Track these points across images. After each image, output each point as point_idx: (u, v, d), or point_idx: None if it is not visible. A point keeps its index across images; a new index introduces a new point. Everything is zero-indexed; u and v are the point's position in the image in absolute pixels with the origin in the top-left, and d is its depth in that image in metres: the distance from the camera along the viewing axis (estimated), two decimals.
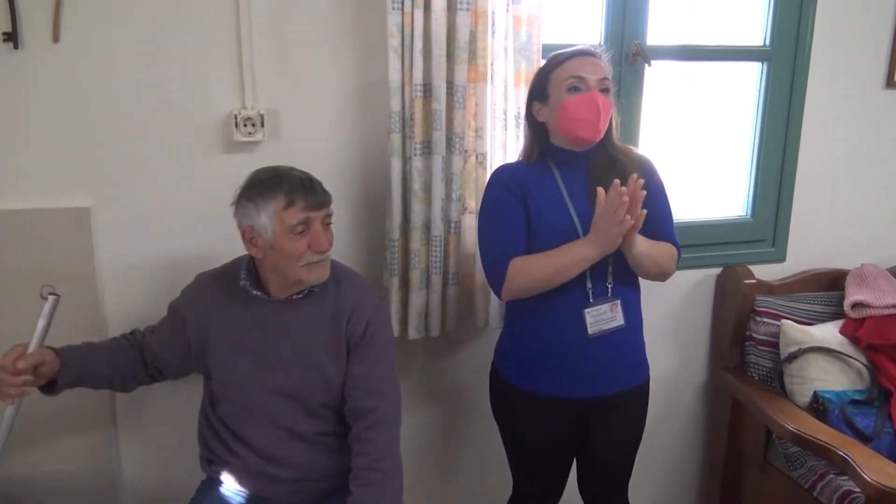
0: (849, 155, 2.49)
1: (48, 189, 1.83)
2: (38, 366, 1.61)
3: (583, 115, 1.71)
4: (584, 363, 1.79)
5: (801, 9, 2.31)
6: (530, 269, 1.74)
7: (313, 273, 1.64)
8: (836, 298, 2.41)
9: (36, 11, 1.73)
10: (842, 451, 1.94)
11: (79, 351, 1.73)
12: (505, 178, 1.81)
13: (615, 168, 1.77)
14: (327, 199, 1.63)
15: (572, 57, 1.74)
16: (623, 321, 1.79)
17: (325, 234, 1.63)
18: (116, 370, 1.77)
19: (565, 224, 1.76)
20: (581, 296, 1.76)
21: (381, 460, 1.64)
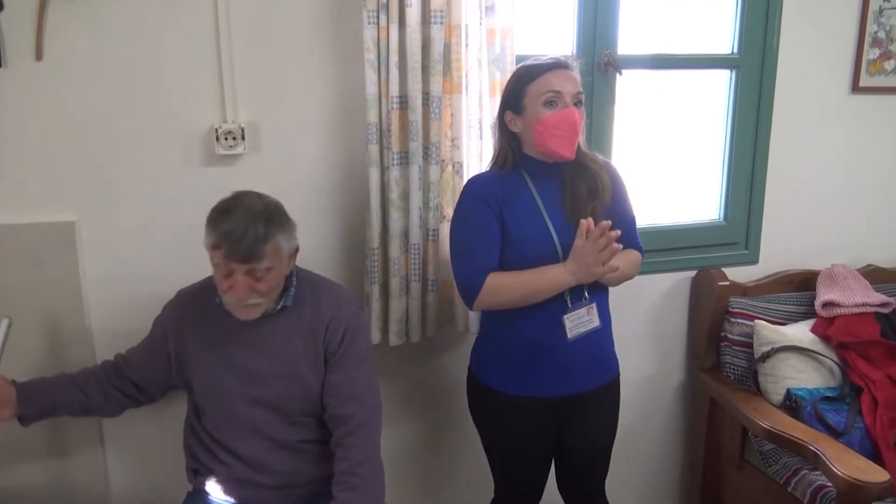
0: (817, 159, 2.55)
1: (33, 204, 1.86)
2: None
3: (561, 131, 1.73)
4: (562, 364, 1.83)
5: (767, 17, 2.37)
6: (506, 287, 1.77)
7: (238, 312, 1.65)
8: (807, 298, 2.47)
9: (19, 31, 1.76)
10: (814, 446, 1.99)
11: (38, 382, 1.75)
12: (480, 189, 1.82)
13: (587, 177, 1.81)
14: (255, 255, 1.56)
15: (550, 70, 1.75)
16: (599, 323, 1.84)
17: (250, 284, 1.59)
18: (86, 397, 1.78)
19: (543, 236, 1.78)
20: (560, 303, 1.79)
21: (361, 465, 1.67)
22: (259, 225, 1.57)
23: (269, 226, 1.59)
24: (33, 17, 1.75)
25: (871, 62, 2.50)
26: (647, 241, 2.38)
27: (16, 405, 1.68)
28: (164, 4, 1.84)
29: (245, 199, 1.62)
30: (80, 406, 1.79)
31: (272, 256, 1.59)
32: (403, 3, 1.84)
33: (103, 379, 1.81)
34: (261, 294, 1.62)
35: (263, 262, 1.58)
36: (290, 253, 1.66)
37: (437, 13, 1.87)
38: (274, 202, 1.65)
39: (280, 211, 1.64)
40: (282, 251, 1.61)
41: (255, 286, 1.60)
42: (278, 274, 1.64)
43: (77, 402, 1.78)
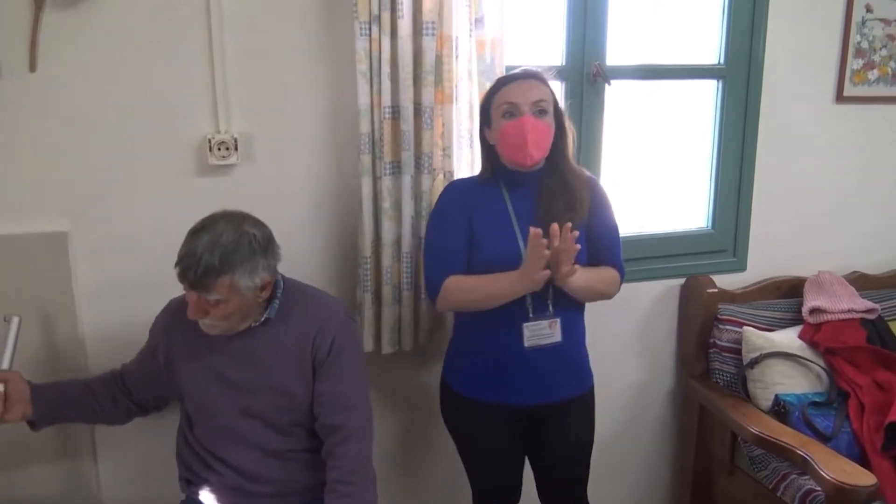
0: (803, 167, 2.58)
1: (26, 214, 1.86)
2: (6, 383, 1.64)
3: (514, 140, 1.76)
4: (522, 373, 1.85)
5: (752, 29, 2.41)
6: (463, 289, 1.81)
7: (203, 327, 1.66)
8: (794, 305, 2.49)
9: (13, 42, 1.77)
10: (802, 451, 2.01)
11: (52, 384, 1.76)
12: (452, 195, 1.88)
13: (565, 190, 1.82)
14: (202, 286, 1.55)
15: (509, 83, 1.80)
16: (560, 338, 1.84)
17: (203, 307, 1.59)
18: (95, 402, 1.79)
19: (509, 245, 1.81)
20: (521, 311, 1.81)
21: (353, 473, 1.68)
22: (215, 257, 1.54)
23: (227, 261, 1.55)
24: (27, 28, 1.76)
25: (854, 72, 2.54)
26: (636, 249, 2.43)
27: (29, 404, 1.68)
28: (158, 16, 1.86)
29: (219, 224, 1.59)
30: (91, 412, 1.80)
31: (224, 291, 1.57)
32: (395, 14, 1.86)
33: (113, 386, 1.82)
34: (215, 319, 1.62)
35: (212, 293, 1.57)
36: (254, 287, 1.61)
37: (429, 25, 1.89)
38: (250, 233, 1.60)
39: (251, 245, 1.59)
40: (238, 287, 1.58)
41: (207, 311, 1.60)
42: (235, 306, 1.61)
43: (89, 409, 1.79)
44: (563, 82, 2.27)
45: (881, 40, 2.53)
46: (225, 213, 1.64)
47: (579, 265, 1.77)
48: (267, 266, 1.63)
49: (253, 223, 1.64)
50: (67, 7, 1.78)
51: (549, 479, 2.01)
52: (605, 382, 2.45)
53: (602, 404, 2.46)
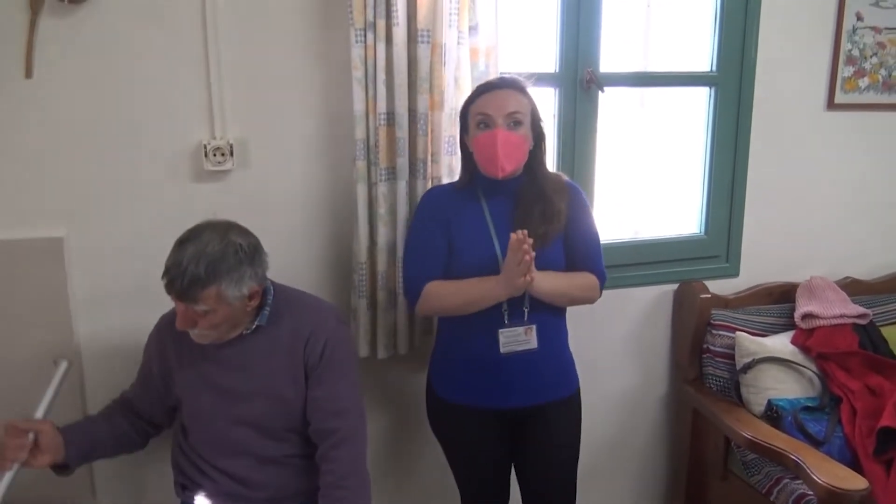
0: (795, 173, 2.60)
1: (22, 219, 1.87)
2: (38, 434, 1.63)
3: (486, 152, 1.77)
4: (500, 378, 1.86)
5: (744, 36, 2.43)
6: (442, 295, 1.82)
7: (193, 337, 1.67)
8: (787, 310, 2.51)
9: (9, 49, 1.78)
10: (794, 455, 2.02)
11: (79, 427, 1.76)
12: (431, 202, 1.89)
13: (542, 200, 1.83)
14: (189, 296, 1.56)
15: (484, 92, 1.81)
16: (536, 345, 1.84)
17: (191, 318, 1.60)
18: (119, 434, 1.81)
19: (486, 251, 1.82)
20: (498, 317, 1.82)
21: (346, 478, 1.68)
22: (201, 268, 1.55)
23: (213, 271, 1.56)
24: (24, 35, 1.78)
25: (845, 79, 2.56)
26: (629, 254, 2.45)
27: (62, 452, 1.68)
28: (154, 23, 1.87)
29: (206, 234, 1.60)
30: (115, 446, 1.81)
31: (211, 301, 1.57)
32: (390, 22, 1.88)
33: (127, 414, 1.83)
34: (203, 329, 1.63)
35: (199, 304, 1.57)
36: (241, 297, 1.61)
37: (424, 32, 1.91)
38: (236, 243, 1.60)
39: (237, 254, 1.59)
40: (225, 297, 1.58)
41: (196, 321, 1.61)
42: (223, 316, 1.62)
43: (112, 443, 1.80)
44: (556, 89, 2.29)
45: (871, 48, 2.56)
46: (211, 222, 1.64)
47: (553, 270, 1.81)
48: (254, 275, 1.63)
49: (239, 232, 1.64)
50: (63, 14, 1.80)
51: (533, 485, 2.00)
52: (599, 387, 2.49)
53: (596, 409, 2.50)
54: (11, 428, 1.61)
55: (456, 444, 1.99)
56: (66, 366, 1.72)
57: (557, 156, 2.33)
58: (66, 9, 1.79)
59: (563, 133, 2.32)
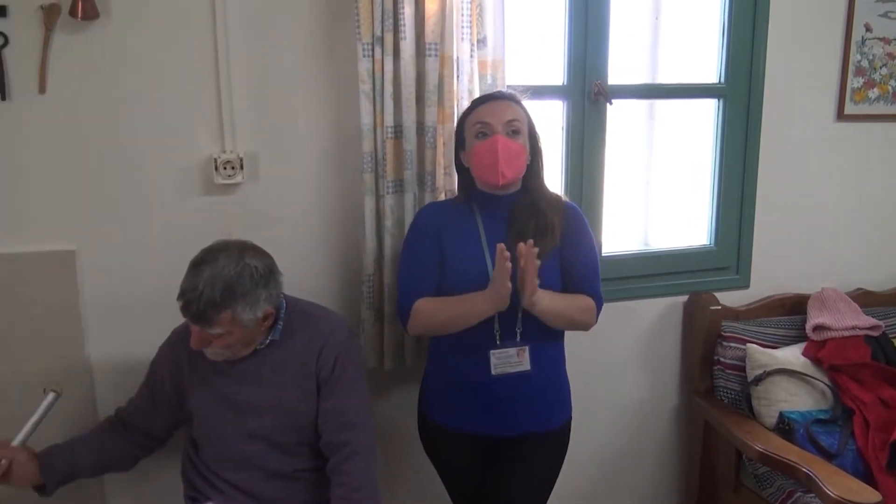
0: (805, 185, 2.59)
1: (34, 233, 1.89)
2: (11, 461, 1.64)
3: (485, 160, 1.75)
4: (490, 401, 1.82)
5: (752, 47, 2.43)
6: (432, 312, 1.79)
7: (207, 354, 1.68)
8: (798, 322, 2.49)
9: (23, 64, 1.81)
10: (807, 468, 2.00)
11: (58, 449, 1.76)
12: (425, 218, 1.88)
13: (537, 215, 1.80)
14: (204, 320, 1.58)
15: (482, 103, 1.81)
16: (529, 367, 1.79)
17: (206, 338, 1.62)
18: (103, 456, 1.80)
19: (478, 269, 1.79)
20: (489, 337, 1.78)
21: (357, 490, 1.68)
22: (217, 292, 1.56)
23: (229, 294, 1.57)
24: (37, 50, 1.80)
25: (855, 90, 2.56)
26: (638, 266, 2.45)
27: (37, 476, 1.69)
28: (165, 38, 1.90)
29: (221, 256, 1.60)
30: (100, 465, 1.81)
31: (226, 324, 1.59)
32: (398, 36, 1.90)
33: (116, 434, 1.83)
34: (218, 348, 1.64)
35: (214, 327, 1.59)
36: (255, 319, 1.63)
37: (432, 46, 1.92)
38: (251, 266, 1.61)
39: (252, 278, 1.60)
40: (240, 320, 1.60)
41: (210, 341, 1.63)
42: (238, 337, 1.63)
43: (97, 462, 1.80)
44: (564, 101, 2.30)
45: (881, 59, 2.56)
46: (226, 243, 1.65)
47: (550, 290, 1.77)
48: (268, 297, 1.64)
49: (254, 254, 1.65)
50: (76, 30, 1.82)
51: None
52: (609, 399, 2.49)
53: (605, 421, 2.50)
54: None
55: (443, 464, 1.99)
56: (52, 397, 1.71)
57: (566, 168, 2.33)
58: (78, 25, 1.82)
59: (572, 145, 2.32)
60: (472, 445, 1.89)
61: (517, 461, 1.87)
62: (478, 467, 1.92)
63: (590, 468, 2.51)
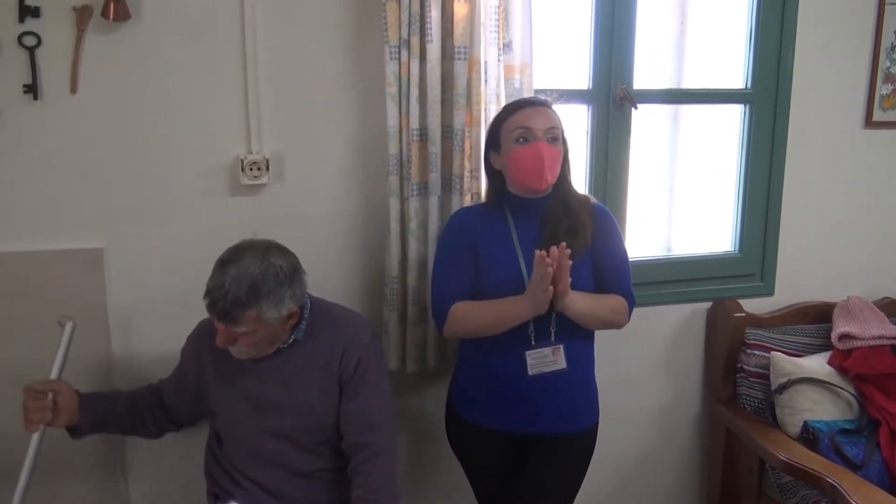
0: (832, 191, 2.56)
1: (63, 231, 1.91)
2: (56, 394, 1.68)
3: (529, 165, 1.77)
4: (524, 400, 1.83)
5: (780, 53, 2.41)
6: (469, 316, 1.81)
7: (232, 352, 1.70)
8: (823, 330, 2.47)
9: (55, 65, 1.83)
10: (832, 479, 1.98)
11: (97, 394, 1.80)
12: (458, 222, 1.89)
13: (568, 216, 1.82)
14: (230, 318, 1.59)
15: (521, 108, 1.81)
16: (565, 365, 1.82)
17: (231, 336, 1.63)
18: (136, 414, 1.83)
19: (512, 272, 1.81)
20: (524, 338, 1.80)
21: (378, 491, 1.68)
22: (242, 290, 1.57)
23: (253, 294, 1.58)
24: (69, 51, 1.83)
25: (883, 97, 2.53)
26: (661, 272, 2.44)
27: (76, 413, 1.72)
28: (194, 40, 1.91)
29: (247, 255, 1.62)
30: (131, 426, 1.84)
31: (251, 323, 1.60)
32: (424, 39, 1.90)
33: (152, 402, 1.86)
34: (243, 346, 1.65)
35: (239, 326, 1.60)
36: (280, 318, 1.64)
37: (460, 49, 1.93)
38: (276, 265, 1.62)
39: (277, 277, 1.62)
40: (265, 318, 1.61)
41: (236, 339, 1.64)
42: (262, 336, 1.64)
43: (129, 422, 1.83)
44: (589, 106, 2.30)
45: None
46: (252, 243, 1.67)
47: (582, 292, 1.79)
48: (293, 296, 1.65)
49: (279, 253, 1.67)
50: (108, 31, 1.85)
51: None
52: (630, 405, 2.48)
53: (626, 427, 2.48)
54: (31, 391, 1.66)
55: (473, 463, 1.99)
56: (71, 325, 1.73)
57: (590, 173, 2.33)
58: (110, 27, 1.84)
59: (596, 150, 2.31)
60: (502, 444, 1.90)
61: (547, 461, 1.88)
62: (506, 466, 1.92)
63: (610, 473, 2.49)
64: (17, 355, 1.88)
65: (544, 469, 1.89)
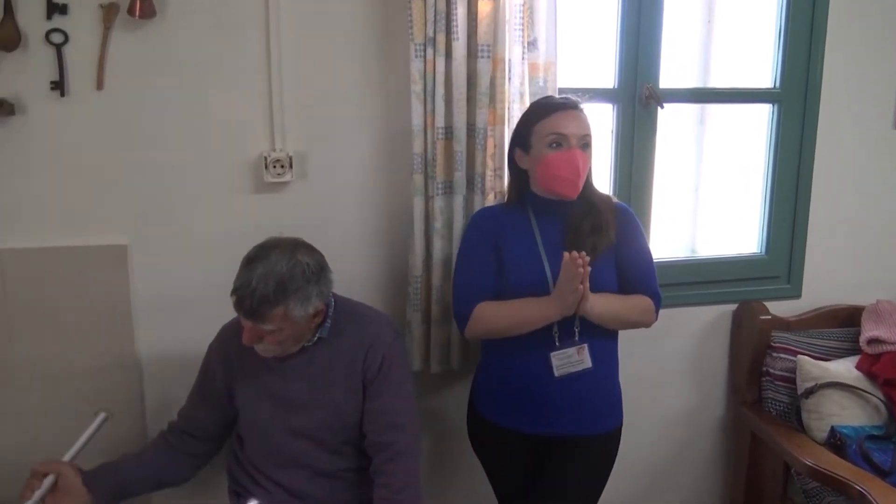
0: (861, 193, 2.52)
1: (88, 227, 1.92)
2: (58, 477, 1.63)
3: (563, 173, 1.75)
4: (549, 402, 1.82)
5: (809, 52, 2.38)
6: (493, 317, 1.79)
7: (258, 350, 1.69)
8: (851, 334, 2.43)
9: (82, 62, 1.84)
10: (859, 485, 1.95)
11: (102, 467, 1.74)
12: (481, 222, 1.88)
13: (592, 215, 1.81)
14: (257, 316, 1.58)
15: (556, 111, 1.78)
16: (590, 364, 1.80)
17: (258, 334, 1.62)
18: (152, 468, 1.78)
19: (536, 272, 1.80)
20: (548, 339, 1.79)
21: (400, 492, 1.67)
22: (270, 288, 1.57)
23: (281, 292, 1.58)
24: (96, 48, 1.83)
25: None
26: (686, 273, 2.41)
27: (84, 495, 1.66)
28: (219, 38, 1.92)
29: (273, 253, 1.61)
30: (153, 480, 1.80)
31: (277, 320, 1.60)
32: (450, 37, 1.89)
33: (168, 446, 1.81)
34: (269, 344, 1.65)
35: (266, 324, 1.60)
36: (307, 316, 1.64)
37: (485, 47, 1.91)
38: (303, 262, 1.62)
39: (304, 275, 1.61)
40: (292, 316, 1.61)
41: (262, 337, 1.63)
42: (289, 333, 1.64)
43: (149, 477, 1.79)
44: (614, 105, 2.27)
45: None
46: (278, 240, 1.66)
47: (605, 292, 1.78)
48: (319, 293, 1.65)
49: (306, 251, 1.66)
50: (134, 28, 1.85)
51: None
52: (654, 407, 2.46)
53: (649, 430, 2.46)
54: (32, 469, 1.64)
55: (494, 464, 1.98)
56: (103, 417, 1.73)
57: (615, 172, 2.31)
58: (136, 24, 1.84)
59: (621, 150, 2.29)
60: (524, 445, 1.89)
61: (569, 463, 1.87)
62: (528, 468, 1.91)
63: (632, 477, 2.47)
64: (41, 351, 1.89)
65: (567, 471, 1.87)
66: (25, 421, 1.89)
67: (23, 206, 1.88)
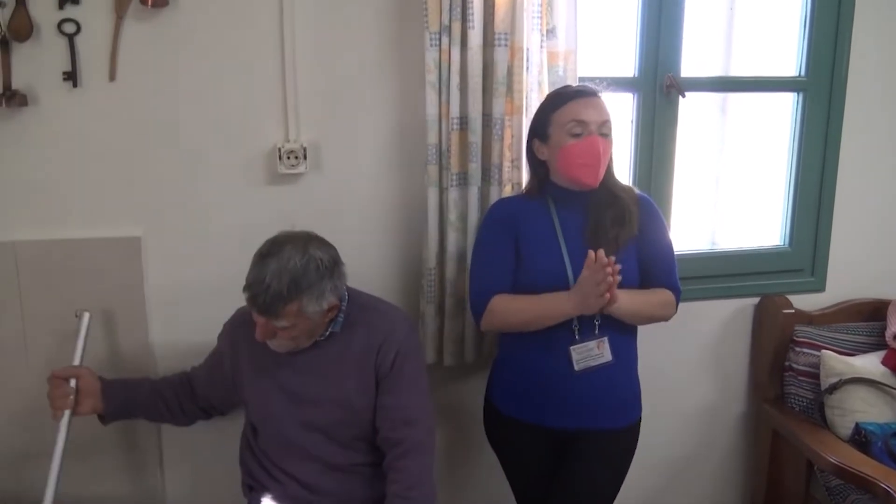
0: (888, 185, 2.47)
1: (101, 218, 1.92)
2: (78, 379, 1.71)
3: (584, 160, 1.73)
4: (569, 396, 1.80)
5: (836, 40, 2.32)
6: (510, 310, 1.77)
7: (270, 345, 1.68)
8: (877, 329, 2.38)
9: (94, 52, 1.83)
10: (885, 483, 1.91)
11: (121, 381, 1.81)
12: (499, 213, 1.85)
13: (615, 206, 1.78)
14: (271, 312, 1.57)
15: (574, 98, 1.75)
16: (611, 357, 1.78)
17: (271, 330, 1.61)
18: (161, 402, 1.84)
19: (555, 263, 1.77)
20: (567, 333, 1.77)
21: (412, 488, 1.66)
22: (283, 284, 1.55)
23: (294, 288, 1.56)
24: (108, 38, 1.82)
25: None
26: (708, 265, 2.38)
27: (99, 398, 1.74)
28: (232, 27, 1.90)
29: (286, 248, 1.59)
30: (158, 414, 1.86)
31: (291, 317, 1.59)
32: (466, 25, 1.86)
33: (180, 390, 1.86)
34: (282, 340, 1.64)
35: (280, 320, 1.59)
36: (321, 311, 1.62)
37: (501, 35, 1.88)
38: (317, 258, 1.60)
39: (318, 270, 1.60)
40: (306, 312, 1.59)
41: (275, 333, 1.62)
42: (302, 329, 1.63)
43: (155, 410, 1.85)
44: (634, 94, 2.24)
45: None
46: (290, 235, 1.64)
47: (628, 287, 1.75)
48: (333, 289, 1.63)
49: (318, 245, 1.64)
50: (146, 18, 1.84)
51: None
52: (674, 403, 2.43)
53: (669, 425, 2.44)
54: (53, 378, 1.70)
55: (511, 459, 1.96)
56: (88, 317, 1.79)
57: (635, 163, 2.28)
58: (148, 13, 1.83)
59: (642, 140, 2.26)
60: (542, 440, 1.86)
61: (588, 458, 1.85)
62: (545, 462, 1.89)
63: (652, 473, 2.45)
64: (54, 342, 1.89)
65: (585, 466, 1.85)
66: (40, 412, 1.89)
67: (36, 197, 1.88)
